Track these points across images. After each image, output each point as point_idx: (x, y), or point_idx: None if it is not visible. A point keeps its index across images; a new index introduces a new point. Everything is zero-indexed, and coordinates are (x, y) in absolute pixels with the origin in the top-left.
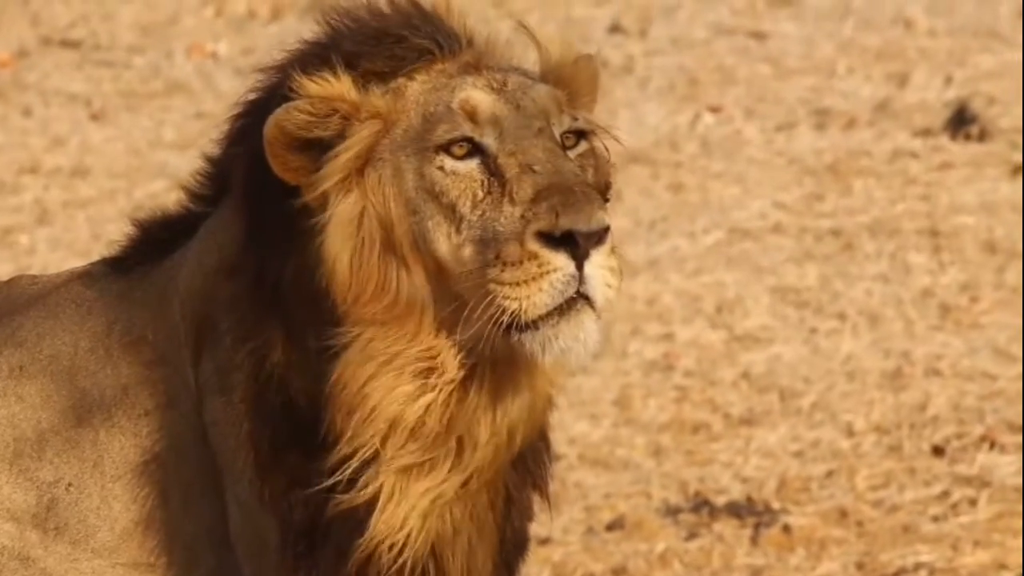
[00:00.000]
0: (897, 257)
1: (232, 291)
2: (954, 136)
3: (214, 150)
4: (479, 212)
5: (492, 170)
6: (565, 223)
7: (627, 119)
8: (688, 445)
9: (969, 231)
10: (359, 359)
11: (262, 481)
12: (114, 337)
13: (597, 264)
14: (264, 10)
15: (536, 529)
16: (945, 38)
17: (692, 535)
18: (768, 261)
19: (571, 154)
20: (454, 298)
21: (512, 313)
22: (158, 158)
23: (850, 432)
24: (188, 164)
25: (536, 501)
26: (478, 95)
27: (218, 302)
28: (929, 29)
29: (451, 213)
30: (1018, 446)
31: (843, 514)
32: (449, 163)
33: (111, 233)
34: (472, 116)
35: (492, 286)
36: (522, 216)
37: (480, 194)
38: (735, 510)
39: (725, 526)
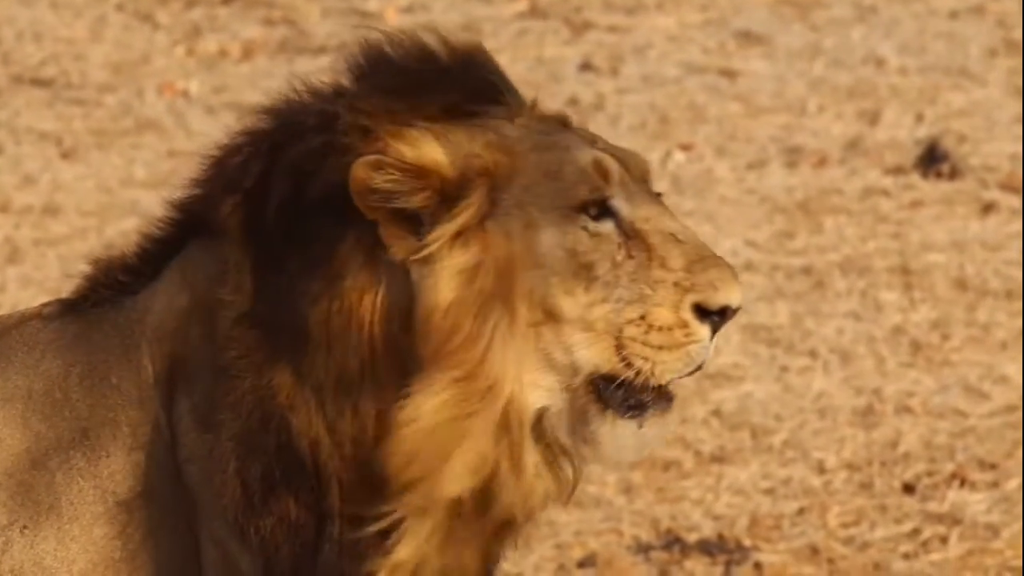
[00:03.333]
0: (868, 295)
1: (228, 330)
2: (925, 174)
3: (189, 187)
4: (617, 273)
5: (628, 233)
6: (722, 299)
7: None
8: (659, 482)
9: (940, 269)
10: (433, 410)
11: (248, 520)
12: (72, 380)
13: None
14: (235, 49)
15: (507, 567)
16: (916, 76)
17: (663, 573)
18: None
19: None
20: (543, 355)
21: (638, 372)
22: (129, 196)
23: (821, 469)
24: (159, 202)
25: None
26: (605, 156)
27: (193, 340)
28: (900, 67)
29: (584, 272)
30: (989, 484)
31: (814, 551)
32: (592, 224)
33: (82, 271)
34: (605, 177)
35: (628, 342)
36: (676, 284)
37: (619, 257)
38: (706, 548)
39: (696, 564)
